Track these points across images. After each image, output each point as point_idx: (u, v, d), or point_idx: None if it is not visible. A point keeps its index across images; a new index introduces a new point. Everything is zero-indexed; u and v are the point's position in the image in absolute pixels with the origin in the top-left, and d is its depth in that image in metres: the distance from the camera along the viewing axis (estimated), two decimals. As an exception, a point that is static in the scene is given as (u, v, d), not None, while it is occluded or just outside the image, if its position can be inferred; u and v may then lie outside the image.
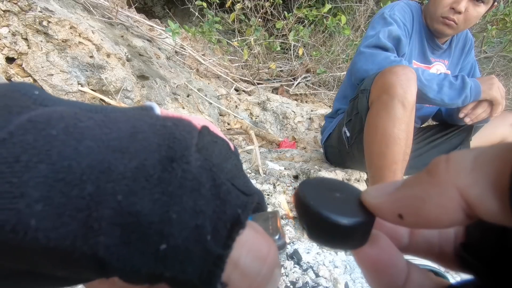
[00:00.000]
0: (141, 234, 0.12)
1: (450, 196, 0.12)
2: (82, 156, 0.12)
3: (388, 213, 0.14)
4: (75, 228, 0.11)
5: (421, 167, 1.01)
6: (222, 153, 0.16)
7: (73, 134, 0.12)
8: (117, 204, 0.12)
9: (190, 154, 0.14)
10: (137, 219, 0.12)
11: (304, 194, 0.16)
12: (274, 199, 1.13)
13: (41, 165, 0.11)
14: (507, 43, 3.42)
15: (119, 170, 0.12)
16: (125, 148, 0.13)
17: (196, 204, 0.13)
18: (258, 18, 2.82)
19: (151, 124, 0.14)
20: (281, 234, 0.17)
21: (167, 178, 0.13)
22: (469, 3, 1.11)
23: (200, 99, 2.03)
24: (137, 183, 0.12)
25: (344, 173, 1.32)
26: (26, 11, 1.28)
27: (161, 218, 0.12)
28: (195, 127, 0.16)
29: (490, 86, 1.05)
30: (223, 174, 0.15)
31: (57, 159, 0.12)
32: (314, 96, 2.96)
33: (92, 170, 0.12)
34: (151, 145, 0.13)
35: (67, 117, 0.13)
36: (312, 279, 0.79)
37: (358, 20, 3.13)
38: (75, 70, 1.36)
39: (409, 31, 1.23)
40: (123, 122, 0.14)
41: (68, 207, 0.11)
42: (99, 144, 0.13)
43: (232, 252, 0.13)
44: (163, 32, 2.42)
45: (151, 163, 0.13)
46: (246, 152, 1.66)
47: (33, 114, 0.13)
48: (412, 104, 0.95)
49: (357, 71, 1.15)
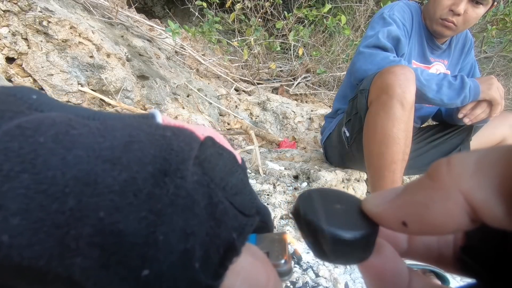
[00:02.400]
0: (122, 256, 0.11)
1: (455, 201, 0.12)
2: (68, 166, 0.11)
3: (392, 221, 0.14)
4: (51, 246, 0.10)
5: (421, 167, 1.02)
6: (227, 166, 0.15)
7: (62, 142, 0.11)
8: (98, 221, 0.11)
9: (186, 168, 0.12)
10: (119, 239, 0.11)
11: (305, 210, 0.15)
12: (274, 199, 1.13)
13: (23, 174, 0.10)
14: (507, 43, 3.42)
15: (106, 183, 0.11)
16: (117, 159, 0.12)
17: (187, 225, 0.12)
18: (258, 18, 2.82)
19: (149, 133, 0.13)
20: (287, 259, 0.16)
21: (158, 194, 0.11)
22: (468, 5, 1.11)
23: (200, 99, 2.03)
24: (124, 199, 0.11)
25: (344, 173, 1.32)
26: (26, 11, 1.29)
27: (145, 240, 0.11)
28: (197, 137, 0.14)
29: (489, 86, 1.05)
30: (223, 191, 0.14)
31: (41, 169, 0.11)
32: (314, 96, 2.96)
33: (77, 182, 0.11)
34: (146, 157, 0.12)
35: (59, 124, 0.12)
36: (312, 279, 0.79)
37: (358, 20, 3.13)
38: (75, 70, 1.36)
39: (409, 31, 1.23)
40: (119, 130, 0.13)
41: (46, 223, 0.10)
42: (89, 154, 0.11)
43: (225, 282, 0.12)
44: (163, 32, 2.42)
45: (143, 177, 0.12)
46: (246, 152, 1.66)
47: (23, 120, 0.12)
48: (411, 104, 0.95)
49: (356, 71, 1.15)
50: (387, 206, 0.14)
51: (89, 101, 1.42)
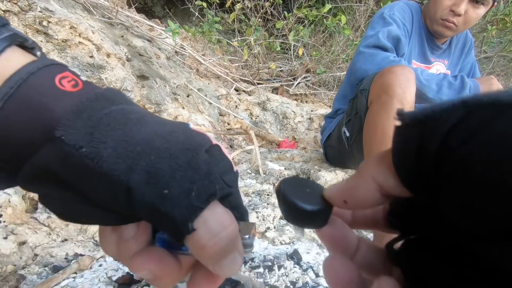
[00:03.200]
0: (156, 180, 0.19)
1: (369, 183, 0.19)
2: (141, 133, 0.21)
3: (337, 200, 0.20)
4: (124, 166, 0.19)
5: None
6: (226, 166, 0.23)
7: (140, 122, 0.22)
8: (150, 160, 0.20)
9: (199, 151, 0.21)
10: (157, 172, 0.19)
11: (283, 188, 0.22)
12: (274, 199, 1.13)
13: (118, 131, 0.20)
14: (507, 43, 3.43)
15: (156, 145, 0.20)
16: (165, 137, 0.21)
17: (193, 176, 0.20)
18: (258, 18, 2.82)
19: (183, 129, 0.22)
20: (251, 236, 0.23)
21: (181, 157, 0.20)
22: (468, 5, 1.11)
23: (200, 99, 2.03)
24: (164, 154, 0.20)
25: (344, 173, 1.32)
26: (26, 11, 1.29)
27: (170, 175, 0.19)
28: (210, 140, 0.23)
29: (489, 86, 1.06)
30: (220, 173, 0.22)
31: (127, 131, 0.21)
32: (314, 96, 2.96)
33: (143, 141, 0.20)
34: (179, 139, 0.21)
35: (142, 113, 0.23)
36: (312, 279, 0.79)
37: (358, 20, 3.13)
38: (75, 70, 1.36)
39: (409, 31, 1.23)
40: (169, 125, 0.23)
41: (123, 155, 0.20)
42: (153, 131, 0.21)
43: (205, 211, 0.20)
44: (163, 32, 2.42)
45: (176, 148, 0.21)
46: (246, 152, 1.66)
47: (125, 106, 0.23)
48: (411, 104, 0.95)
49: (356, 71, 1.15)
50: (335, 190, 0.21)
51: (89, 101, 1.42)
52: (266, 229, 1.02)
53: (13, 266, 0.73)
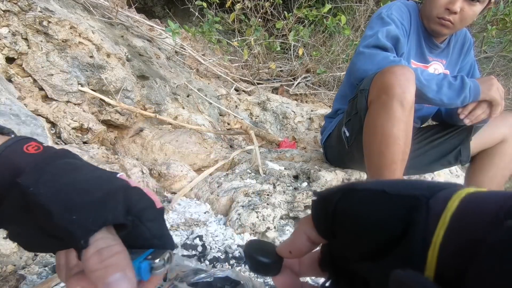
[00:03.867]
0: (71, 210, 0.26)
1: (302, 236, 0.27)
2: (72, 178, 0.29)
3: (284, 252, 0.28)
4: (54, 199, 0.27)
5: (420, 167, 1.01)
6: (145, 204, 0.31)
7: (75, 170, 0.30)
8: (71, 195, 0.27)
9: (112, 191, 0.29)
10: (74, 204, 0.27)
11: (249, 249, 0.29)
12: (274, 199, 1.13)
13: (56, 176, 0.28)
14: (507, 43, 3.42)
15: (80, 186, 0.28)
16: (88, 180, 0.29)
17: (97, 208, 0.27)
18: (258, 18, 2.82)
19: (108, 176, 0.31)
20: (161, 261, 0.28)
21: (96, 194, 0.28)
22: (464, 3, 1.11)
23: (200, 99, 2.03)
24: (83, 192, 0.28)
25: (344, 173, 1.32)
26: (26, 11, 1.29)
27: (82, 207, 0.27)
28: (130, 184, 0.31)
29: (489, 86, 1.05)
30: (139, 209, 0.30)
31: (64, 176, 0.29)
32: (314, 96, 2.96)
33: (73, 182, 0.28)
34: (100, 183, 0.29)
35: (80, 164, 0.32)
36: (312, 279, 0.79)
37: (358, 20, 3.13)
38: (75, 70, 1.36)
39: (407, 30, 1.23)
40: (99, 172, 0.31)
41: (55, 192, 0.27)
42: (84, 176, 0.30)
43: (96, 234, 0.26)
44: (163, 32, 2.42)
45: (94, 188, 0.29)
46: (246, 152, 1.66)
47: (68, 160, 0.31)
48: (411, 104, 0.95)
49: (356, 71, 1.15)
50: (282, 245, 0.28)
51: (89, 101, 1.42)
52: (266, 229, 1.02)
53: (13, 266, 0.73)
